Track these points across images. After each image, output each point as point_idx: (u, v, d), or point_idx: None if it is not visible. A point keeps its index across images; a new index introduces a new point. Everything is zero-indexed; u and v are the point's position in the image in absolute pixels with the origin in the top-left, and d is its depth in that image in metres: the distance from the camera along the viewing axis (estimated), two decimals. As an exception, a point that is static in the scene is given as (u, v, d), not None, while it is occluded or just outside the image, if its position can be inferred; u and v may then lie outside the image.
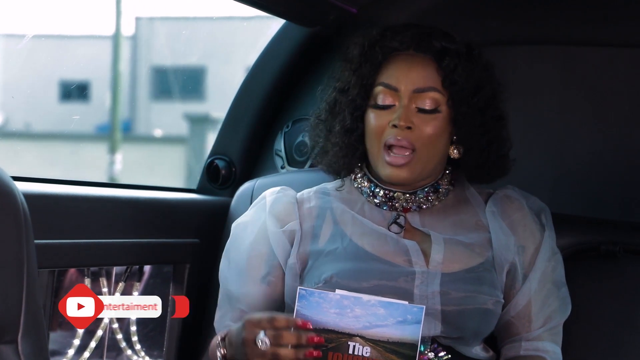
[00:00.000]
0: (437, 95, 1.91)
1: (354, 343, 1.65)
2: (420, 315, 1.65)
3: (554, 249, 1.98)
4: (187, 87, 11.86)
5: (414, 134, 1.88)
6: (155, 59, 14.72)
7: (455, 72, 1.91)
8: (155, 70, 14.94)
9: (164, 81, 14.60)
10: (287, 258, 1.94)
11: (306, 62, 2.53)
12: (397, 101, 1.91)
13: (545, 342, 1.94)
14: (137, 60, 14.68)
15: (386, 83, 1.92)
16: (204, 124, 14.27)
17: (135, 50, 14.42)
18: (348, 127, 1.96)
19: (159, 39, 14.42)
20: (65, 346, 2.25)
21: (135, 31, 13.82)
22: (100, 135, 14.03)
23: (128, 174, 12.89)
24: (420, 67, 1.92)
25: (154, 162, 13.78)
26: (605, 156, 2.48)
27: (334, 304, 1.66)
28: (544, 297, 1.94)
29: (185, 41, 9.93)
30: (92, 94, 14.87)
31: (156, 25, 14.43)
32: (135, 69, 14.79)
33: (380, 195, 1.96)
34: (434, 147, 1.91)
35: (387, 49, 1.94)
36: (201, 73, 14.30)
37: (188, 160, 14.28)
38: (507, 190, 2.01)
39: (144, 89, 15.47)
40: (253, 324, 1.73)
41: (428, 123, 1.90)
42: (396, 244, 1.90)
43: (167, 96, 15.14)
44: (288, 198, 1.99)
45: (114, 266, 2.26)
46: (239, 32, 9.49)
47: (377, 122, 1.91)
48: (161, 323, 2.39)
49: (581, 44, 2.48)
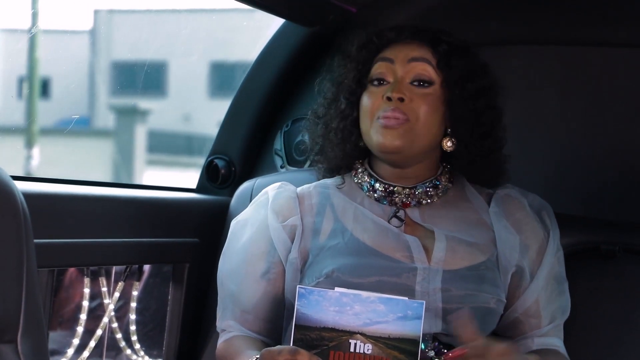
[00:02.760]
0: (432, 70, 1.93)
1: (355, 341, 1.65)
2: (421, 311, 1.65)
3: (558, 246, 1.99)
4: (148, 82, 11.63)
5: (406, 106, 1.89)
6: (115, 54, 14.40)
7: (451, 57, 1.93)
8: (115, 65, 14.58)
9: (123, 76, 14.18)
10: (288, 253, 1.93)
11: (306, 61, 2.53)
12: (391, 76, 1.93)
13: (553, 338, 1.96)
14: (95, 54, 14.39)
15: (382, 57, 1.95)
16: (132, 116, 13.77)
17: (94, 44, 14.12)
18: (343, 111, 1.97)
19: (119, 32, 14.16)
20: (65, 345, 2.25)
21: (93, 25, 13.54)
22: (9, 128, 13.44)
23: (45, 168, 12.45)
24: (416, 45, 1.95)
25: (81, 156, 13.16)
26: (605, 156, 2.48)
27: (334, 301, 1.66)
28: (549, 294, 1.95)
29: (146, 35, 9.80)
30: (52, 91, 14.53)
31: (115, 19, 14.18)
32: (94, 63, 14.46)
33: (380, 190, 1.96)
34: (427, 122, 1.91)
35: (384, 39, 1.97)
36: (162, 68, 13.90)
37: (114, 154, 13.75)
38: (507, 190, 2.01)
39: (103, 84, 15.09)
40: (272, 356, 1.65)
41: (422, 98, 1.91)
42: (397, 239, 1.90)
43: (126, 91, 14.79)
44: (289, 193, 1.99)
45: (114, 265, 2.27)
46: (202, 25, 9.40)
47: (372, 98, 1.93)
48: (161, 322, 2.39)
49: (581, 44, 2.48)
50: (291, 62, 2.53)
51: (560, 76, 2.53)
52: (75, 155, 12.63)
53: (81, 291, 2.23)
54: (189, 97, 15.18)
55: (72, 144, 13.71)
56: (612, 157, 2.47)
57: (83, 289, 2.22)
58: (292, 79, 2.55)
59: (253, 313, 1.94)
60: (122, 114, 14.12)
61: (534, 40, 2.50)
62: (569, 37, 2.48)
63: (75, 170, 12.19)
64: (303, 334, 1.66)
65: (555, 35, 2.48)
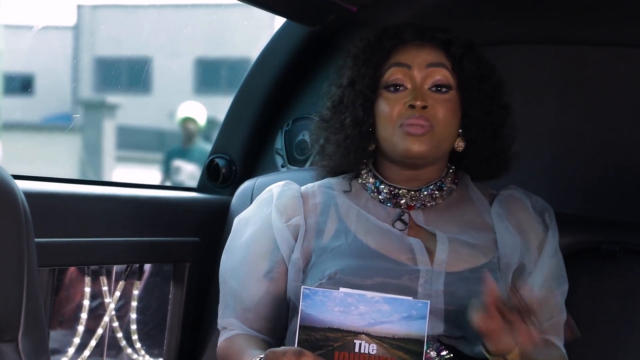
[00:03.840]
0: (448, 74, 1.92)
1: (360, 341, 1.65)
2: (425, 311, 1.65)
3: (556, 247, 1.99)
4: (132, 79, 11.49)
5: (429, 113, 1.89)
6: (98, 50, 14.21)
7: (464, 59, 1.93)
8: (98, 61, 14.40)
9: (107, 72, 13.95)
10: (291, 253, 1.93)
11: (306, 60, 2.53)
12: (409, 82, 1.91)
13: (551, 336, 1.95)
14: (79, 51, 14.19)
15: (397, 62, 1.93)
16: (99, 110, 13.48)
17: (77, 40, 13.94)
18: (360, 119, 1.94)
19: (103, 28, 13.98)
20: (66, 345, 2.25)
21: (77, 20, 13.37)
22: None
23: (7, 165, 12.21)
24: (430, 49, 1.94)
25: (48, 152, 12.85)
26: (605, 155, 2.48)
27: (338, 302, 1.66)
28: (546, 293, 1.94)
29: (130, 31, 9.67)
30: (36, 87, 14.36)
31: (99, 14, 14.02)
32: (78, 60, 14.25)
33: (384, 191, 1.96)
34: (448, 127, 1.91)
35: (395, 40, 1.95)
36: (146, 64, 13.69)
37: (80, 150, 13.45)
38: (510, 191, 2.01)
39: (87, 80, 14.87)
40: (277, 356, 1.66)
41: (442, 104, 1.90)
42: (400, 241, 1.90)
43: (110, 88, 14.56)
44: (293, 192, 1.98)
45: (114, 265, 2.27)
46: (188, 21, 9.25)
47: (391, 105, 1.91)
48: (161, 321, 2.39)
49: (581, 43, 2.48)
50: (292, 62, 2.53)
51: (560, 76, 2.54)
52: (42, 150, 12.41)
53: (82, 290, 2.23)
54: (174, 93, 15.03)
55: (43, 139, 13.47)
56: (613, 157, 2.48)
57: (84, 288, 2.22)
58: (292, 78, 2.55)
59: (254, 311, 1.94)
60: (89, 109, 13.84)
61: (534, 39, 2.50)
62: (569, 36, 2.48)
63: (40, 166, 11.99)
64: (308, 335, 1.65)
65: (555, 35, 2.48)
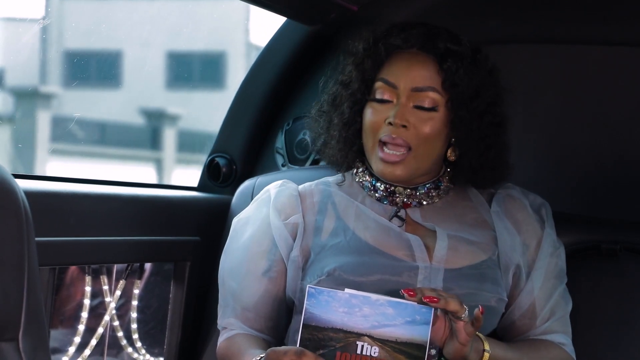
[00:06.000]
0: (436, 95, 1.90)
1: (362, 343, 1.65)
2: (429, 316, 1.65)
3: (555, 243, 1.98)
4: (102, 73, 11.35)
5: (409, 132, 1.88)
6: (67, 43, 14.12)
7: (457, 74, 1.89)
8: (67, 54, 14.30)
9: (76, 65, 13.85)
10: (290, 252, 1.93)
11: (307, 60, 2.53)
12: (395, 98, 1.90)
13: (554, 335, 1.95)
14: (47, 43, 14.15)
15: (385, 79, 1.92)
16: (32, 100, 13.32)
17: (45, 33, 13.90)
18: (346, 121, 1.96)
19: (71, 20, 13.94)
20: (66, 344, 2.25)
21: (45, 12, 13.29)
22: None
23: None
24: (420, 67, 1.91)
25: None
26: (605, 155, 2.47)
27: (343, 302, 1.65)
28: (548, 293, 1.95)
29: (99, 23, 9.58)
30: (5, 82, 14.29)
31: (68, 6, 13.97)
32: (45, 53, 14.17)
33: (381, 189, 1.96)
34: (429, 146, 1.90)
35: (391, 46, 1.93)
36: (117, 57, 13.54)
37: (12, 142, 13.30)
38: (508, 190, 2.01)
39: (55, 74, 14.79)
40: (278, 356, 1.66)
41: (425, 122, 1.89)
42: (399, 237, 1.90)
43: (80, 81, 14.46)
44: (290, 191, 1.99)
45: (115, 264, 2.27)
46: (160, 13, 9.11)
47: (374, 117, 1.91)
48: (162, 321, 2.39)
49: (581, 42, 2.48)
50: (292, 61, 2.53)
51: (561, 75, 2.53)
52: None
53: (82, 289, 2.24)
54: (145, 88, 14.95)
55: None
56: (613, 156, 2.47)
57: (84, 287, 2.23)
58: (293, 77, 2.55)
59: (254, 311, 1.94)
60: (21, 99, 13.67)
61: (535, 38, 2.50)
62: (570, 35, 2.47)
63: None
64: (311, 334, 1.65)
65: (556, 34, 2.48)
